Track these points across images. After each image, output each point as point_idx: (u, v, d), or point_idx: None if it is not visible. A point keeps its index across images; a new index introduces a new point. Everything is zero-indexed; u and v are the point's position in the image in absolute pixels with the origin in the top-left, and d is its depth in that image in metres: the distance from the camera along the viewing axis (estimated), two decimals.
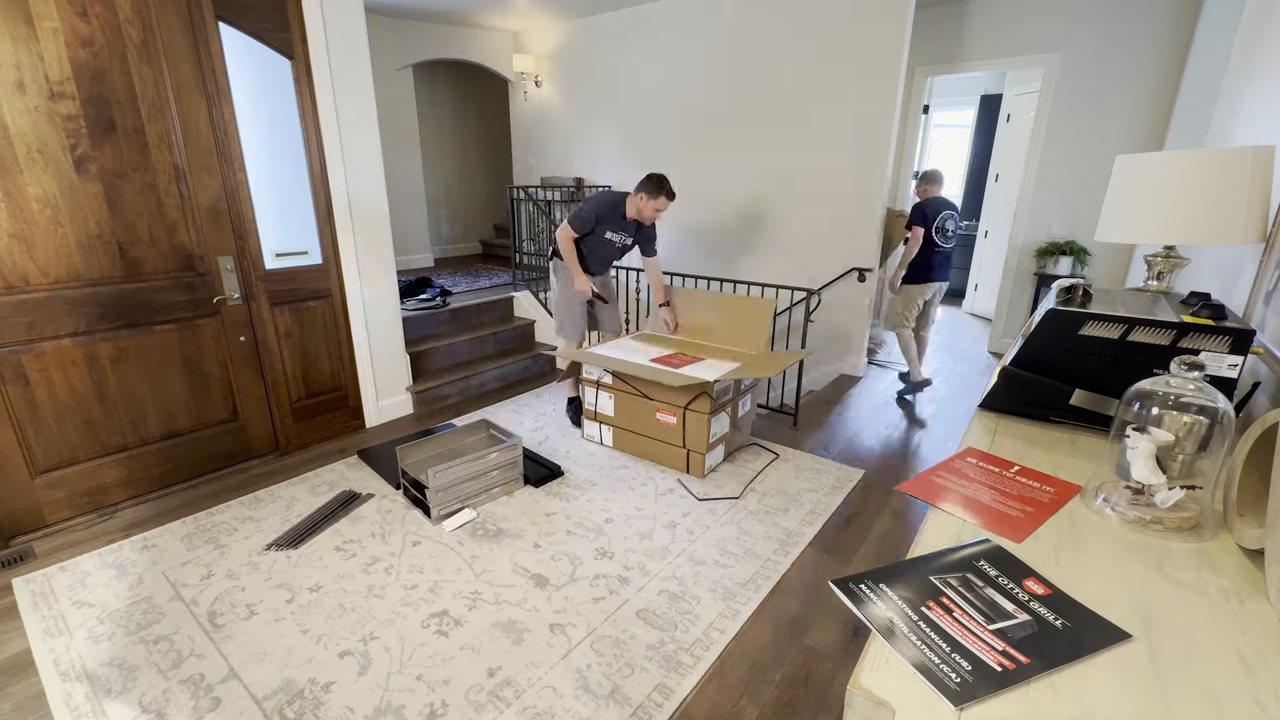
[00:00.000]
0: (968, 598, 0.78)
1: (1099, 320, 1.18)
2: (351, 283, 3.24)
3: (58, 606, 2.04)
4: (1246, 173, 1.30)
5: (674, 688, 1.73)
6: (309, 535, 2.41)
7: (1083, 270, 4.45)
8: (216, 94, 2.61)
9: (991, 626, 0.72)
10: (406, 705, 1.66)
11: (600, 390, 3.16)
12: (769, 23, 4.23)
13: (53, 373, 2.39)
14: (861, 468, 3.07)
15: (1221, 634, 0.73)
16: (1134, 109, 4.10)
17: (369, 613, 2.01)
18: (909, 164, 5.22)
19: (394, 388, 3.62)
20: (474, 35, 5.79)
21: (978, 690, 0.64)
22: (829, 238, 4.29)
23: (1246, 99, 2.07)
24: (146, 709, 1.65)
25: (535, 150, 6.14)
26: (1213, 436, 0.92)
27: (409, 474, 2.63)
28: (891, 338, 5.46)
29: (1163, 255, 1.54)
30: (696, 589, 2.14)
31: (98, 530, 2.49)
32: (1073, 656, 0.68)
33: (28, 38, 2.15)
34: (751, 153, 4.53)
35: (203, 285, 2.73)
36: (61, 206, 2.30)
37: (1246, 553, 0.88)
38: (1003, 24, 4.47)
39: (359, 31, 3.04)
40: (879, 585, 0.81)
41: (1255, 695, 0.64)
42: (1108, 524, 0.95)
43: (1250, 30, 2.22)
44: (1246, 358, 1.08)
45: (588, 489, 2.80)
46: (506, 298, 4.73)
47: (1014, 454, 1.19)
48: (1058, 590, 0.79)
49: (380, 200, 3.29)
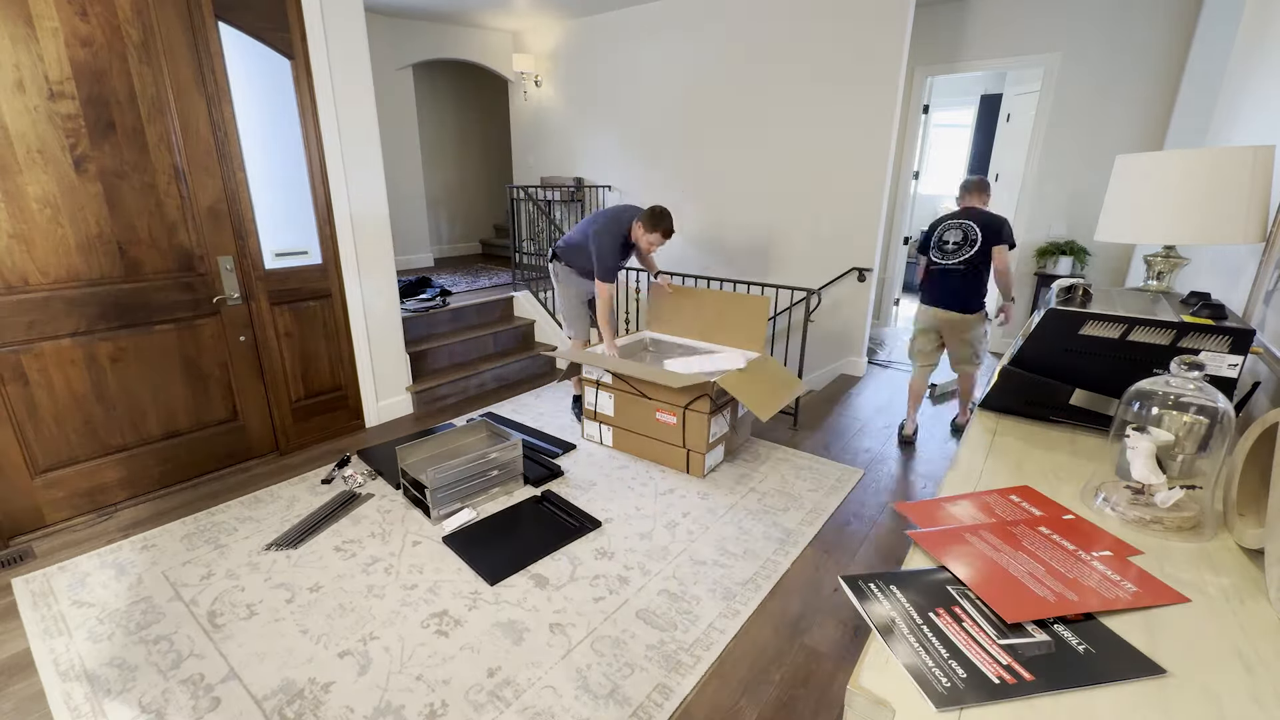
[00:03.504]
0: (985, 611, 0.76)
1: (1099, 320, 1.18)
2: (351, 282, 3.24)
3: (57, 606, 2.04)
4: (1246, 173, 1.30)
5: (674, 688, 1.73)
6: (309, 535, 2.41)
7: (1083, 270, 4.45)
8: (216, 94, 2.61)
9: (1002, 641, 0.71)
10: (406, 705, 1.66)
11: (600, 390, 3.16)
12: (769, 22, 4.22)
13: (52, 373, 2.39)
14: (861, 468, 3.07)
15: (1221, 634, 0.73)
16: (1134, 109, 4.10)
17: (369, 613, 2.00)
18: (909, 164, 5.22)
19: (394, 388, 3.62)
20: (474, 35, 5.79)
21: (965, 698, 0.64)
22: (829, 237, 4.29)
23: (1246, 99, 2.07)
24: (146, 709, 1.65)
25: (535, 150, 6.14)
26: (1213, 436, 0.92)
27: (409, 474, 2.63)
28: (891, 335, 5.47)
29: (1163, 255, 1.54)
30: (696, 589, 2.14)
31: (97, 530, 2.48)
32: (1086, 682, 0.66)
33: (27, 38, 2.14)
34: (751, 152, 4.53)
35: (202, 285, 2.72)
36: (61, 206, 2.30)
37: (1246, 552, 0.88)
38: (1003, 24, 4.46)
39: (359, 31, 3.04)
40: (889, 587, 0.81)
41: (1255, 695, 0.64)
42: (1108, 524, 0.95)
43: (1250, 30, 2.22)
44: (1246, 357, 1.08)
45: (588, 489, 2.80)
46: (506, 298, 4.73)
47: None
48: (1094, 617, 0.75)
49: (380, 200, 3.29)
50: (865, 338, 4.43)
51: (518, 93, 6.10)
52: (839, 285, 4.25)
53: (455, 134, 7.06)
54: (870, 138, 3.97)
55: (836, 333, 4.43)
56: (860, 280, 4.20)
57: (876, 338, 5.38)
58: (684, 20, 4.66)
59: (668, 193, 4.96)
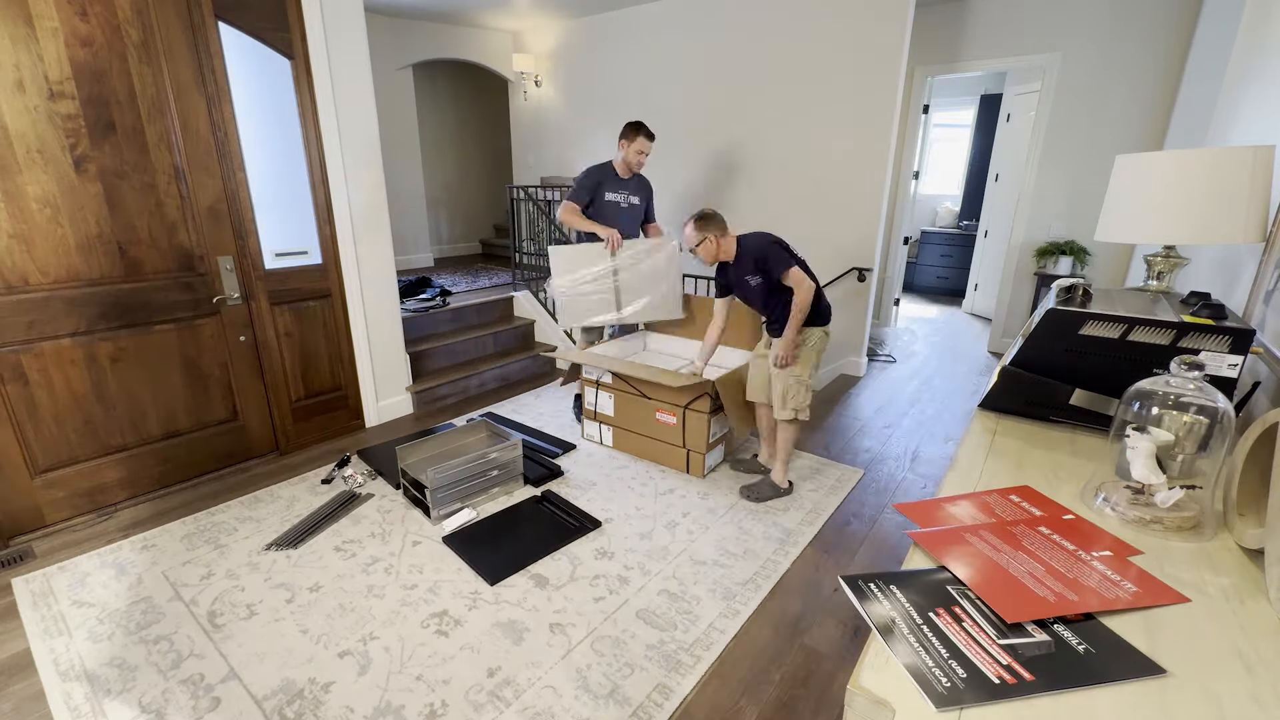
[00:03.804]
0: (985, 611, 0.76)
1: (1099, 320, 1.18)
2: (351, 282, 3.24)
3: (57, 606, 2.04)
4: (1246, 173, 1.30)
5: (674, 687, 1.73)
6: (309, 535, 2.41)
7: (1083, 270, 4.44)
8: (216, 94, 2.61)
9: (1002, 641, 0.71)
10: (406, 705, 1.66)
11: (600, 390, 3.16)
12: (769, 22, 4.22)
13: (52, 373, 2.39)
14: (861, 468, 3.07)
15: (1221, 634, 0.73)
16: (1134, 109, 4.09)
17: (369, 613, 2.00)
18: (909, 164, 5.22)
19: (394, 388, 3.62)
20: (474, 35, 5.79)
21: (965, 698, 0.64)
22: (829, 237, 4.28)
23: (1246, 99, 2.07)
24: (146, 709, 1.65)
25: (535, 150, 6.14)
26: (1213, 436, 0.92)
27: (409, 474, 2.62)
28: (891, 335, 5.47)
29: (1163, 255, 1.54)
30: (696, 589, 2.14)
31: (97, 530, 2.48)
32: (1085, 681, 0.66)
33: (27, 38, 2.14)
34: (751, 152, 4.53)
35: (202, 285, 2.72)
36: (61, 206, 2.30)
37: (1246, 552, 0.88)
38: (1003, 24, 4.46)
39: (359, 31, 3.04)
40: (889, 587, 0.81)
41: (1255, 695, 0.64)
42: (1108, 524, 0.95)
43: (1250, 30, 2.22)
44: (1246, 357, 1.08)
45: (588, 489, 2.80)
46: (506, 297, 4.73)
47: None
48: (1094, 617, 0.75)
49: (380, 200, 3.29)
50: (865, 338, 4.43)
51: (518, 93, 6.10)
52: (839, 285, 4.24)
53: (455, 134, 7.06)
54: (870, 138, 3.97)
55: (836, 333, 4.41)
56: (860, 280, 4.20)
57: (876, 338, 5.39)
58: (684, 20, 4.66)
59: (668, 192, 4.96)
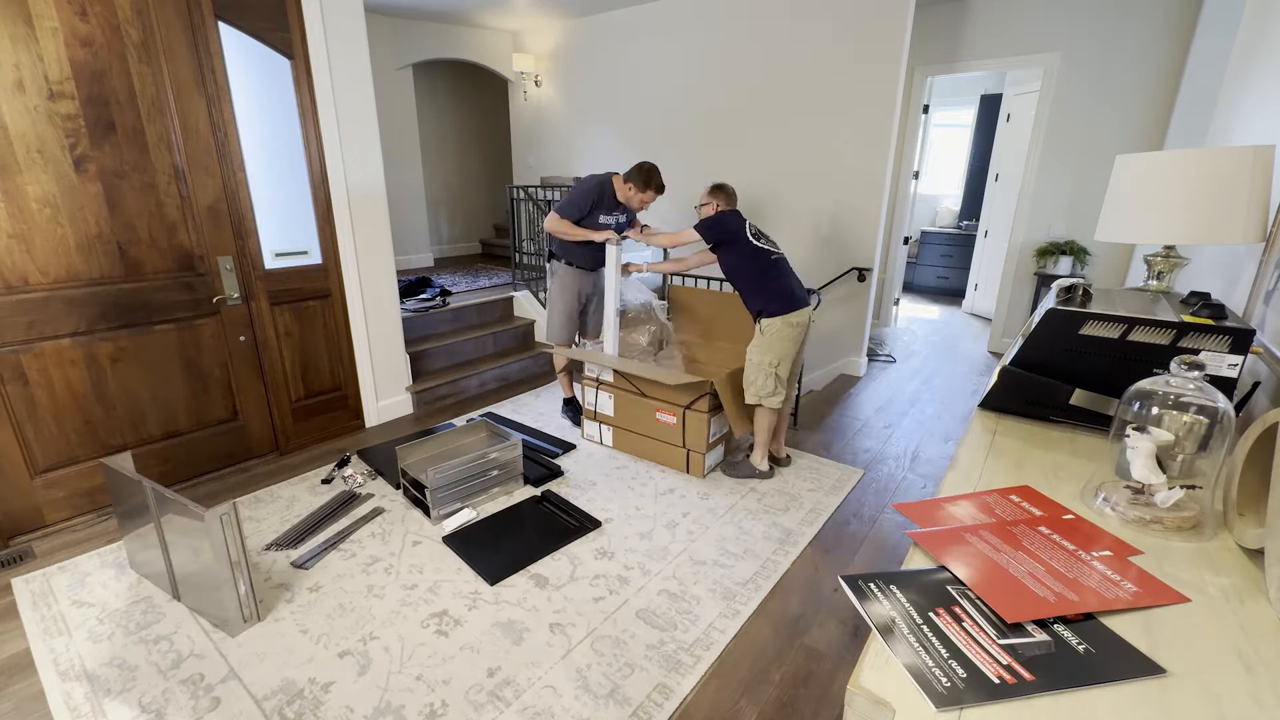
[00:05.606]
0: (985, 611, 0.76)
1: (1099, 320, 1.18)
2: (351, 282, 3.24)
3: (57, 606, 2.04)
4: (1246, 172, 1.30)
5: (674, 687, 1.73)
6: (309, 535, 2.41)
7: (1083, 270, 4.45)
8: (216, 94, 2.61)
9: (1002, 641, 0.71)
10: (406, 705, 1.66)
11: (600, 390, 3.16)
12: (769, 22, 4.22)
13: (52, 373, 2.39)
14: (861, 468, 3.07)
15: (1221, 633, 0.73)
16: (1134, 108, 4.09)
17: (368, 613, 2.00)
18: (909, 164, 5.22)
19: (394, 387, 3.62)
20: (474, 35, 5.79)
21: (965, 697, 0.64)
22: (829, 237, 4.29)
23: (1246, 99, 2.07)
24: (146, 709, 1.65)
25: (535, 150, 6.14)
26: (1213, 436, 0.92)
27: (409, 474, 2.62)
28: (891, 335, 5.48)
29: (1163, 255, 1.54)
30: (696, 589, 2.14)
31: (97, 530, 2.48)
32: (1085, 681, 0.66)
33: (27, 38, 2.14)
34: (751, 152, 4.53)
35: (202, 285, 2.72)
36: (61, 206, 2.30)
37: (1246, 552, 0.88)
38: (1003, 24, 4.46)
39: (359, 31, 3.04)
40: (889, 587, 0.81)
41: (1255, 695, 0.64)
42: (1108, 524, 0.95)
43: (1250, 30, 2.22)
44: (1246, 357, 1.08)
45: (588, 489, 2.80)
46: (506, 297, 4.73)
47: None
48: (1094, 617, 0.75)
49: (380, 200, 3.29)
50: (865, 338, 4.43)
51: (518, 93, 6.10)
52: (839, 285, 4.25)
53: (455, 134, 7.06)
54: (870, 137, 3.97)
55: (836, 332, 4.43)
56: (860, 280, 4.20)
57: (876, 337, 5.39)
58: (684, 20, 4.66)
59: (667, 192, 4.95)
